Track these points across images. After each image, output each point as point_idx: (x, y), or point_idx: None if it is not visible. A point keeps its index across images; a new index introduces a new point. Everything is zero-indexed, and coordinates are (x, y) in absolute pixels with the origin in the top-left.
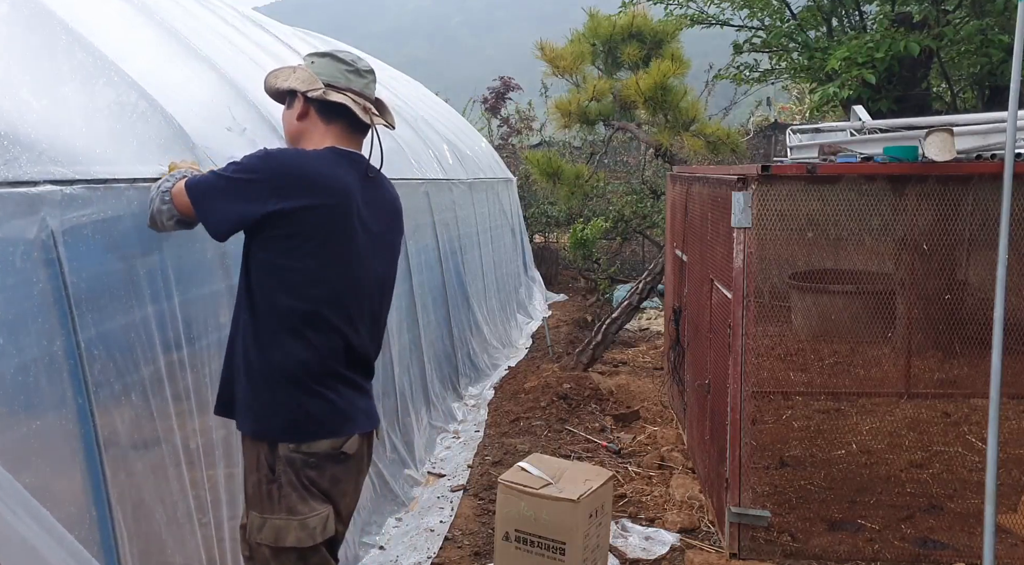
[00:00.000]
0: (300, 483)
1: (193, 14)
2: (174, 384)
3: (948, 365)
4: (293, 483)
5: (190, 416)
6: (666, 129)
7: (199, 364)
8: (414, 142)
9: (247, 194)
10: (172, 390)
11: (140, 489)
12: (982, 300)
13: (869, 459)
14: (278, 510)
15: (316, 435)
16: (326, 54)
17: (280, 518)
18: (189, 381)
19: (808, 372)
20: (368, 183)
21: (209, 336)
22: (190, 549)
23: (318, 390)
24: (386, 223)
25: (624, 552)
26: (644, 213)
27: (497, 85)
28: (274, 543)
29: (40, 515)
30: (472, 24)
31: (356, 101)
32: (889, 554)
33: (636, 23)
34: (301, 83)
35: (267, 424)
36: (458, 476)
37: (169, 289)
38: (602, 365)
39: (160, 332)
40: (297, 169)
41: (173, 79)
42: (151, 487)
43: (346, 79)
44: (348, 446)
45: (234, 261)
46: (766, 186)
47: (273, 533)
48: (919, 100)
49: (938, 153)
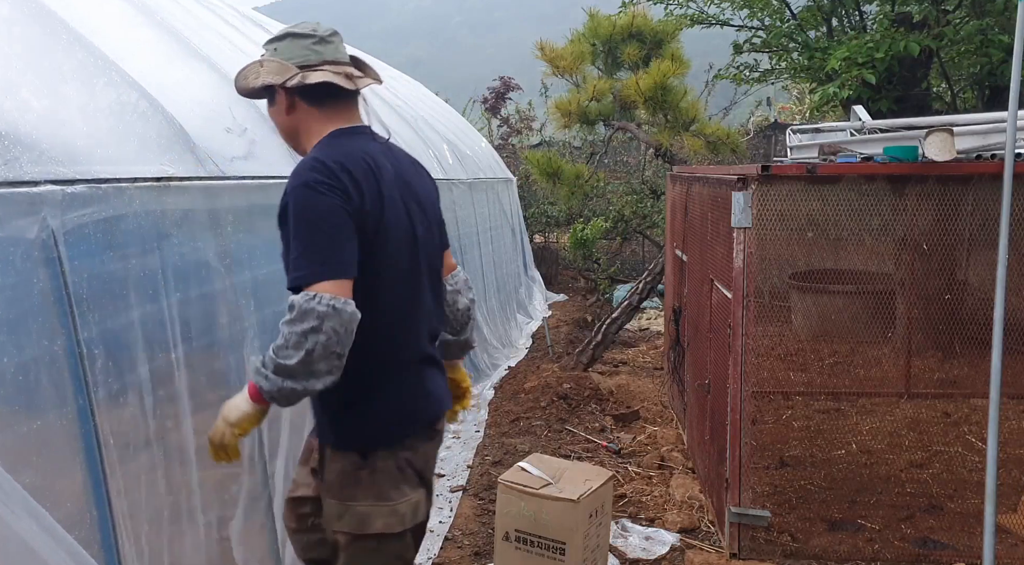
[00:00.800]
0: (396, 466)
1: (193, 14)
2: (175, 384)
3: (948, 365)
4: (388, 467)
5: (190, 415)
6: (666, 129)
7: (200, 363)
8: (414, 142)
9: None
10: (173, 390)
11: (140, 489)
12: (982, 300)
13: (869, 459)
14: (364, 496)
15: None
16: (285, 35)
17: (365, 505)
18: (190, 381)
19: (808, 372)
20: (387, 149)
21: (209, 335)
22: (191, 549)
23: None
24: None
25: (624, 552)
26: (644, 213)
27: (497, 85)
28: (358, 530)
29: (39, 515)
30: (472, 24)
31: (336, 72)
32: (889, 554)
33: (636, 23)
34: (275, 75)
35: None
36: (458, 476)
37: (169, 288)
38: (602, 365)
39: (160, 331)
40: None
41: (174, 79)
42: (151, 487)
43: (316, 53)
44: (440, 423)
45: (235, 260)
46: (766, 186)
47: (356, 521)
48: (919, 100)
49: (938, 153)
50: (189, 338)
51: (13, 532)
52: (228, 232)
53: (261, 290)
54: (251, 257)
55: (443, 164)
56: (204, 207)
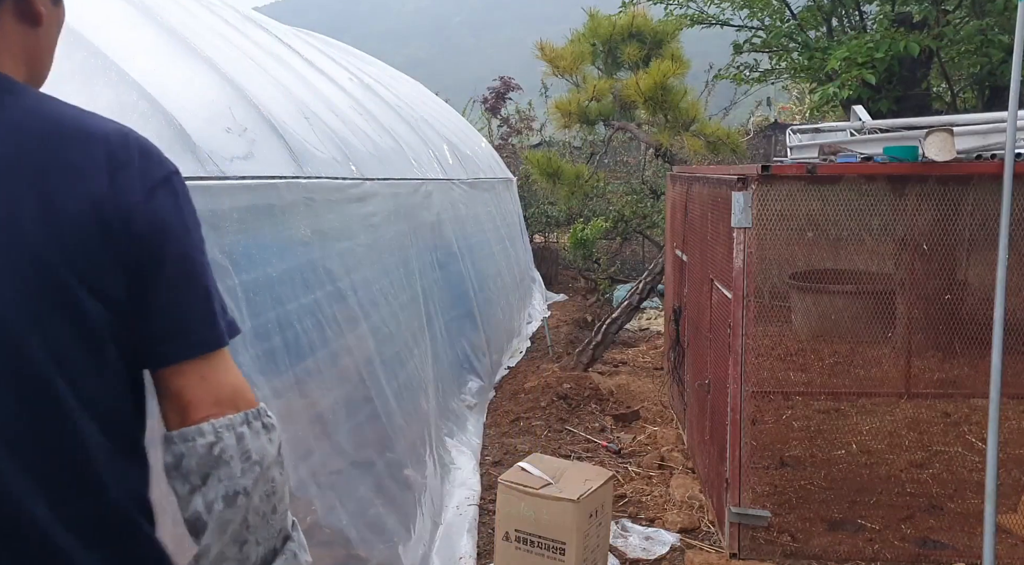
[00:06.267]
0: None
1: (193, 14)
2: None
3: (948, 365)
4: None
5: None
6: (666, 129)
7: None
8: (414, 142)
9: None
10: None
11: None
12: (982, 300)
13: (869, 459)
14: None
15: None
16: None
17: None
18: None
19: (808, 372)
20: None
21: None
22: (192, 550)
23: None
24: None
25: (624, 552)
26: (644, 213)
27: (497, 85)
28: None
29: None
30: (472, 24)
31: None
32: (889, 554)
33: (636, 23)
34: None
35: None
36: None
37: None
38: (602, 365)
39: None
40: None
41: (174, 79)
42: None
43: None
44: None
45: (233, 262)
46: (766, 186)
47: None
48: (919, 100)
49: (938, 153)
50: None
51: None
52: (229, 232)
53: (260, 292)
54: (251, 258)
55: (443, 164)
56: (205, 207)
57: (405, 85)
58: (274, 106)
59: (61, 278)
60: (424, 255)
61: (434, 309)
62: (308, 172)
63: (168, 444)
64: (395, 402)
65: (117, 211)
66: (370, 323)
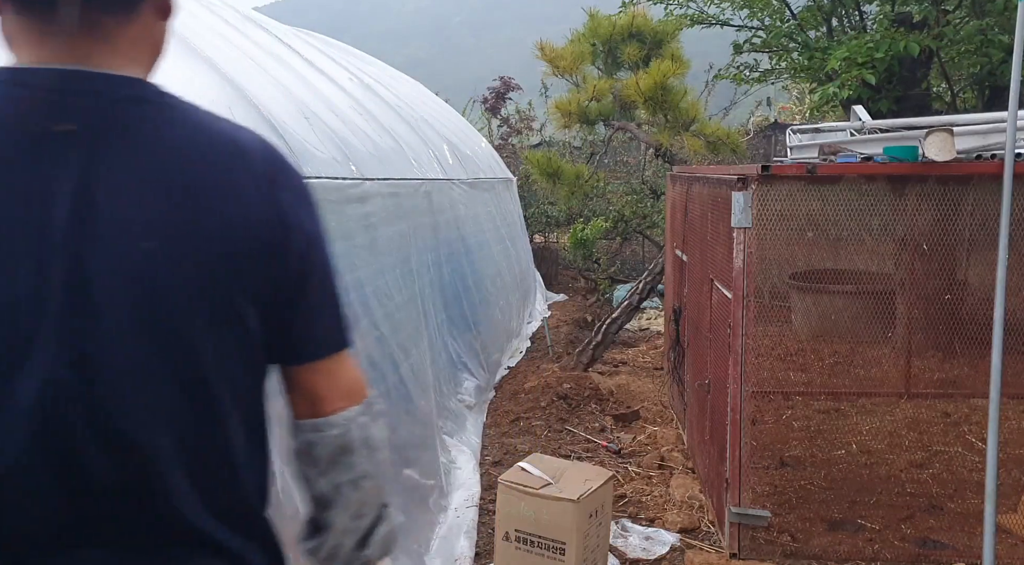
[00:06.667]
0: None
1: (193, 14)
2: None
3: (948, 365)
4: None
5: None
6: (666, 129)
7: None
8: (414, 142)
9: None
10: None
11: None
12: (982, 300)
13: (869, 459)
14: None
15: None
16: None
17: None
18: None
19: (808, 372)
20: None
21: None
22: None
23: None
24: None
25: (624, 552)
26: (644, 213)
27: (497, 85)
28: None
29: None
30: (472, 24)
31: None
32: (889, 554)
33: (636, 23)
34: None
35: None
36: None
37: None
38: (602, 365)
39: None
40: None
41: (173, 79)
42: None
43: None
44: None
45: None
46: (766, 186)
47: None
48: (919, 100)
49: (938, 153)
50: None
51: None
52: None
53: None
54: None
55: (443, 164)
56: None
57: (405, 85)
58: (274, 106)
59: (231, 293)
60: (424, 255)
61: (433, 309)
62: (308, 172)
63: (298, 432)
64: (394, 402)
65: (281, 228)
66: (370, 322)
